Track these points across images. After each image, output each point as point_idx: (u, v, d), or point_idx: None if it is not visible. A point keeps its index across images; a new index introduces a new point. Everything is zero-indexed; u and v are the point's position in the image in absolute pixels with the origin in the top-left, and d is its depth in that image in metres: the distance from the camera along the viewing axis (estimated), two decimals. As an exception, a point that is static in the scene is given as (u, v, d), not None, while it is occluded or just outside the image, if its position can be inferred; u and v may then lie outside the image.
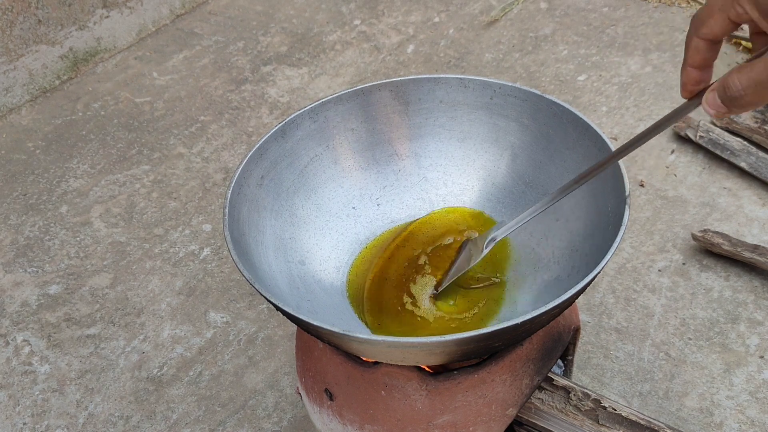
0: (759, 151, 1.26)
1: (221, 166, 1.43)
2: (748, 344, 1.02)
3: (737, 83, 0.45)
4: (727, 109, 0.47)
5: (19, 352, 1.12)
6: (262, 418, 1.00)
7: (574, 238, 0.68)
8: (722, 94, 0.47)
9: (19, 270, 1.25)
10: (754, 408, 0.94)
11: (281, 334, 1.10)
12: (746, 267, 1.11)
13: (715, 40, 0.49)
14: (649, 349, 1.02)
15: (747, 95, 0.45)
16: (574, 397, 0.75)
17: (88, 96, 1.66)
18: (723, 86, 0.46)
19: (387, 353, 0.56)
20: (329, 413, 0.71)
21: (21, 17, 1.57)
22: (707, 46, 0.49)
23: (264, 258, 0.67)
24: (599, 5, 1.77)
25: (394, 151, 0.79)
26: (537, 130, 0.72)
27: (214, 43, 1.79)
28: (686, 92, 0.51)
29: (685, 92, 0.51)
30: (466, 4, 1.83)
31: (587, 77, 1.54)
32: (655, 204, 1.24)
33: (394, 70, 1.64)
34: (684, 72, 0.51)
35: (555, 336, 0.72)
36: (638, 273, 1.13)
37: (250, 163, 0.69)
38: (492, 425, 0.67)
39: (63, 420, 1.02)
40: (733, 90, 0.46)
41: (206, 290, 1.19)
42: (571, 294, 0.53)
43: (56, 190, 1.41)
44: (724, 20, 0.46)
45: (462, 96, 0.75)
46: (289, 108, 1.56)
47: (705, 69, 0.50)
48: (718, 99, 0.47)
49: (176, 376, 1.06)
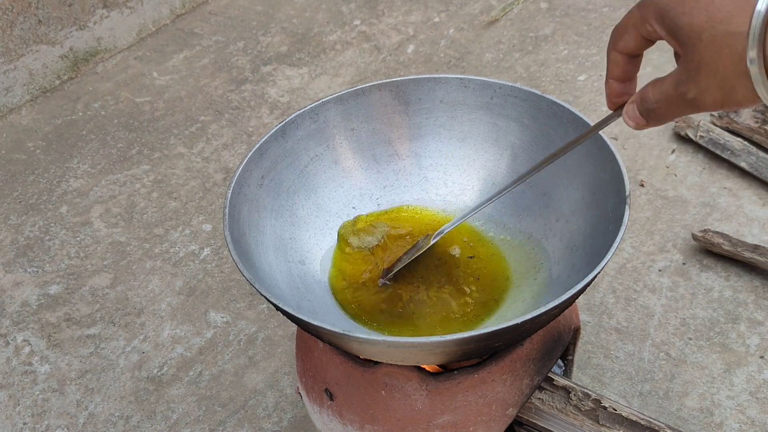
0: (759, 151, 1.26)
1: (221, 166, 1.43)
2: (749, 344, 1.02)
3: (650, 96, 0.47)
4: (645, 121, 0.48)
5: (19, 352, 1.12)
6: (262, 418, 1.00)
7: (574, 237, 0.68)
8: (640, 106, 0.48)
9: (19, 270, 1.25)
10: (755, 408, 0.94)
11: (281, 334, 1.10)
12: (746, 267, 1.11)
13: (632, 54, 0.49)
14: (650, 349, 1.02)
15: (660, 108, 0.46)
16: (575, 397, 0.75)
17: (89, 96, 1.66)
18: (641, 98, 0.48)
19: (387, 353, 0.57)
20: (329, 413, 0.71)
21: (21, 17, 1.57)
22: (626, 60, 0.50)
23: (264, 258, 0.67)
24: (599, 5, 1.77)
25: (394, 151, 0.79)
26: (537, 130, 0.72)
27: (214, 43, 1.79)
28: (611, 104, 0.52)
29: (610, 104, 0.52)
30: (466, 4, 1.83)
31: (587, 77, 1.54)
32: (655, 204, 1.24)
33: (394, 70, 1.64)
34: (606, 84, 0.52)
35: (555, 336, 0.72)
36: (638, 273, 1.13)
37: (251, 163, 0.69)
38: (492, 425, 0.67)
39: (63, 420, 1.02)
40: (649, 103, 0.47)
41: (206, 290, 1.19)
42: (571, 294, 0.53)
43: (56, 190, 1.41)
44: (637, 37, 0.47)
45: (462, 96, 0.75)
46: (289, 108, 1.56)
47: (626, 82, 0.51)
48: (637, 111, 0.48)
49: (176, 376, 1.06)
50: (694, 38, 0.42)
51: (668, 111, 0.46)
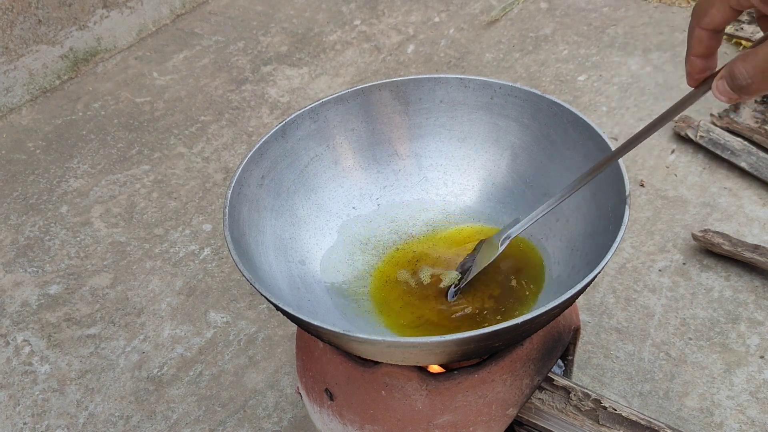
0: (759, 151, 1.26)
1: (221, 166, 1.43)
2: (749, 344, 1.01)
3: (743, 72, 0.45)
4: (738, 96, 0.47)
5: (20, 352, 1.12)
6: (263, 418, 1.00)
7: (574, 238, 0.68)
8: (730, 83, 0.46)
9: (20, 270, 1.25)
10: (755, 408, 0.94)
11: (281, 334, 1.10)
12: (746, 267, 1.11)
13: (717, 29, 0.48)
14: (650, 349, 1.02)
15: (755, 83, 0.45)
16: (575, 397, 0.75)
17: (89, 96, 1.66)
18: (730, 75, 0.46)
19: (387, 353, 0.56)
20: (329, 413, 0.71)
21: (21, 17, 1.57)
22: (710, 36, 0.49)
23: (264, 258, 0.67)
24: (599, 5, 1.77)
25: (395, 151, 0.79)
26: (537, 130, 0.72)
27: (214, 43, 1.79)
28: (693, 80, 0.51)
29: (691, 81, 0.51)
30: (467, 4, 1.83)
31: (587, 77, 1.54)
32: (655, 204, 1.24)
33: (395, 70, 1.64)
34: (688, 62, 0.51)
35: (555, 336, 0.72)
36: (638, 273, 1.13)
37: (251, 163, 0.69)
38: (492, 425, 0.67)
39: (63, 420, 1.02)
40: (740, 79, 0.45)
41: (206, 290, 1.19)
42: (571, 294, 0.53)
43: (56, 190, 1.41)
44: (725, 9, 0.46)
45: (462, 96, 0.75)
46: (289, 108, 1.56)
47: (709, 58, 0.50)
48: (728, 86, 0.47)
49: (176, 376, 1.06)
50: None
51: (764, 84, 0.45)
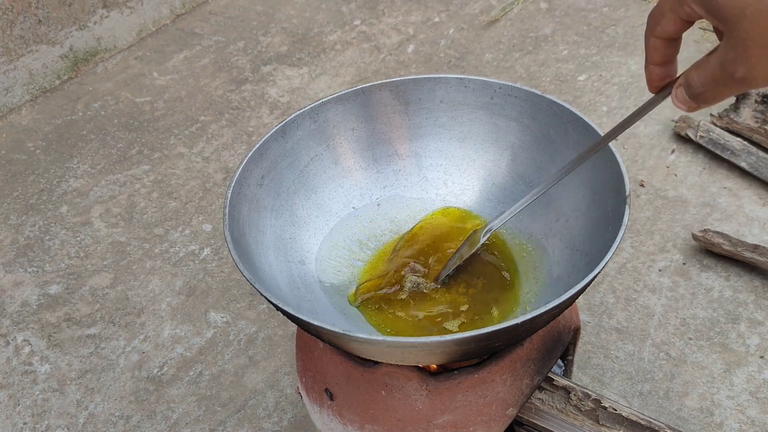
0: (759, 151, 1.26)
1: (221, 166, 1.43)
2: (749, 344, 1.01)
3: (696, 80, 0.46)
4: (696, 104, 0.47)
5: (20, 352, 1.12)
6: (263, 418, 1.00)
7: (574, 237, 0.68)
8: (687, 91, 0.47)
9: (20, 270, 1.25)
10: (755, 408, 0.94)
11: (281, 334, 1.10)
12: (746, 267, 1.11)
13: (671, 38, 0.48)
14: (650, 349, 1.02)
15: (707, 91, 0.45)
16: (575, 397, 0.75)
17: (89, 96, 1.66)
18: (686, 83, 0.47)
19: (387, 353, 0.56)
20: (329, 413, 0.71)
21: (21, 17, 1.57)
22: (665, 44, 0.49)
23: (264, 258, 0.67)
24: (599, 5, 1.77)
25: (395, 151, 0.79)
26: (537, 130, 0.72)
27: (214, 43, 1.79)
28: (653, 88, 0.52)
29: (651, 88, 0.52)
30: (466, 4, 1.83)
31: (587, 77, 1.54)
32: (655, 204, 1.24)
33: (395, 70, 1.64)
34: (647, 70, 0.51)
35: (555, 336, 0.72)
36: (638, 273, 1.13)
37: (251, 163, 0.69)
38: (492, 425, 0.67)
39: (63, 420, 1.02)
40: (694, 87, 0.46)
41: (206, 290, 1.19)
42: (571, 294, 0.53)
43: (56, 190, 1.41)
44: (675, 20, 0.46)
45: (462, 96, 0.75)
46: (289, 108, 1.56)
47: (667, 65, 0.50)
48: (686, 95, 0.47)
49: (176, 375, 1.06)
50: (737, 14, 0.40)
51: (717, 93, 0.45)
